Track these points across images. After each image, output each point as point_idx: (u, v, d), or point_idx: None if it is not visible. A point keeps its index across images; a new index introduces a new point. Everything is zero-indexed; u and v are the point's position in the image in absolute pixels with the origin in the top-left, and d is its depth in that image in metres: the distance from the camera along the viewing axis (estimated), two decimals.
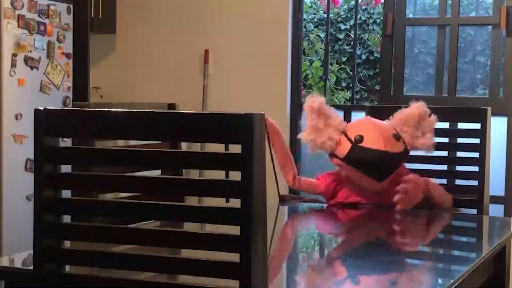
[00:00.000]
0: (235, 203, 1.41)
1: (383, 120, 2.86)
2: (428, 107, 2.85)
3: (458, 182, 3.16)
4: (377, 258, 2.14)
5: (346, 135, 2.75)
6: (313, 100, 2.79)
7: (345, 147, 2.73)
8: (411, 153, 2.95)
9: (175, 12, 5.10)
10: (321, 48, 7.27)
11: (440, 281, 2.00)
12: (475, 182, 2.97)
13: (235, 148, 1.41)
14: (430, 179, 2.83)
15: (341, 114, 4.81)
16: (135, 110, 1.50)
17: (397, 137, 2.76)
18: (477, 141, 3.00)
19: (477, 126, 3.00)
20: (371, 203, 2.79)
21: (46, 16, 4.36)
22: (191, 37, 5.05)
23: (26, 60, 4.25)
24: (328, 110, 2.80)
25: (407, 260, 2.26)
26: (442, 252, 2.43)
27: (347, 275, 2.01)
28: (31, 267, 1.58)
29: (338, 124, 2.78)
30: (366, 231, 2.66)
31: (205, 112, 2.09)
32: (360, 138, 2.72)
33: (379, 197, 2.79)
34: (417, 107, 2.82)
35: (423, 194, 2.77)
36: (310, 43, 7.51)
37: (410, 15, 4.93)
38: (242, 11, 4.92)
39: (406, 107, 2.86)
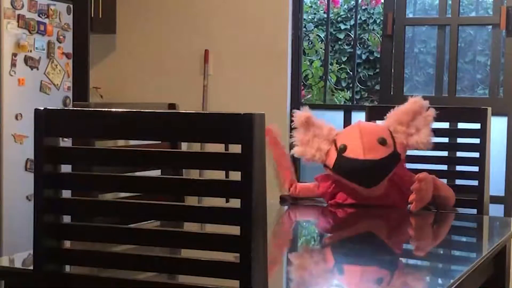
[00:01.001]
0: (235, 203, 1.41)
1: (380, 119, 2.85)
2: (428, 107, 2.83)
3: (458, 182, 3.16)
4: (377, 258, 2.14)
5: (335, 144, 2.76)
6: (299, 115, 2.84)
7: (332, 157, 2.75)
8: (411, 152, 2.95)
9: (175, 12, 5.10)
10: (321, 48, 7.27)
11: (440, 281, 2.00)
12: (475, 182, 2.97)
13: (235, 148, 1.41)
14: (436, 177, 2.80)
15: (340, 114, 4.82)
16: (135, 110, 1.50)
17: (383, 142, 2.72)
18: (477, 141, 3.00)
19: (477, 126, 3.00)
20: (371, 204, 2.79)
21: (46, 16, 4.36)
22: (191, 37, 5.05)
23: (26, 60, 4.25)
24: (316, 121, 2.83)
25: (407, 260, 2.26)
26: (442, 252, 2.43)
27: (347, 275, 2.01)
28: (31, 267, 1.58)
29: (326, 134, 2.80)
30: (366, 231, 2.66)
31: (205, 112, 2.09)
32: (344, 148, 2.73)
33: (378, 198, 2.78)
34: (411, 103, 2.78)
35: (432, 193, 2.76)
36: (310, 43, 7.50)
37: (410, 15, 4.93)
38: (242, 11, 4.92)
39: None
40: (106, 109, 1.54)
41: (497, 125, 3.44)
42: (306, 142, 2.80)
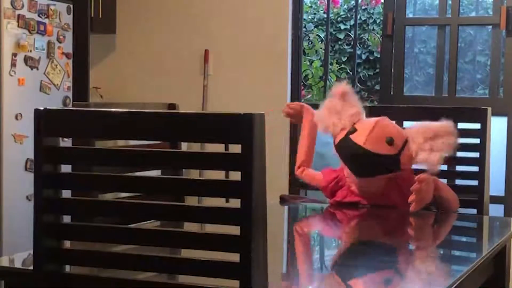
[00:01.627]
0: (235, 203, 1.41)
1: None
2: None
3: (458, 182, 3.16)
4: (377, 259, 2.14)
5: (352, 127, 2.76)
6: (339, 86, 2.85)
7: (341, 136, 2.76)
8: None
9: (175, 12, 5.10)
10: (321, 48, 7.27)
11: (440, 281, 1.99)
12: (475, 182, 2.97)
13: (235, 148, 1.41)
14: (438, 178, 2.79)
15: None
16: (135, 110, 1.50)
17: (390, 142, 2.70)
18: (477, 141, 3.00)
19: (477, 126, 3.00)
20: (371, 203, 2.79)
21: (46, 16, 4.36)
22: (191, 37, 5.05)
23: (26, 60, 4.25)
24: (352, 99, 2.83)
25: (407, 260, 2.25)
26: (442, 252, 2.43)
27: (346, 276, 2.01)
28: (31, 267, 1.58)
29: (352, 114, 2.79)
30: (366, 232, 2.66)
31: (205, 112, 2.09)
32: (353, 131, 2.73)
33: (378, 197, 2.78)
34: (440, 124, 2.73)
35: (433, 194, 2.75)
36: (310, 43, 7.51)
37: (410, 15, 4.94)
38: (242, 11, 4.92)
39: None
40: (106, 109, 1.54)
41: (497, 125, 3.43)
42: (330, 111, 2.81)
